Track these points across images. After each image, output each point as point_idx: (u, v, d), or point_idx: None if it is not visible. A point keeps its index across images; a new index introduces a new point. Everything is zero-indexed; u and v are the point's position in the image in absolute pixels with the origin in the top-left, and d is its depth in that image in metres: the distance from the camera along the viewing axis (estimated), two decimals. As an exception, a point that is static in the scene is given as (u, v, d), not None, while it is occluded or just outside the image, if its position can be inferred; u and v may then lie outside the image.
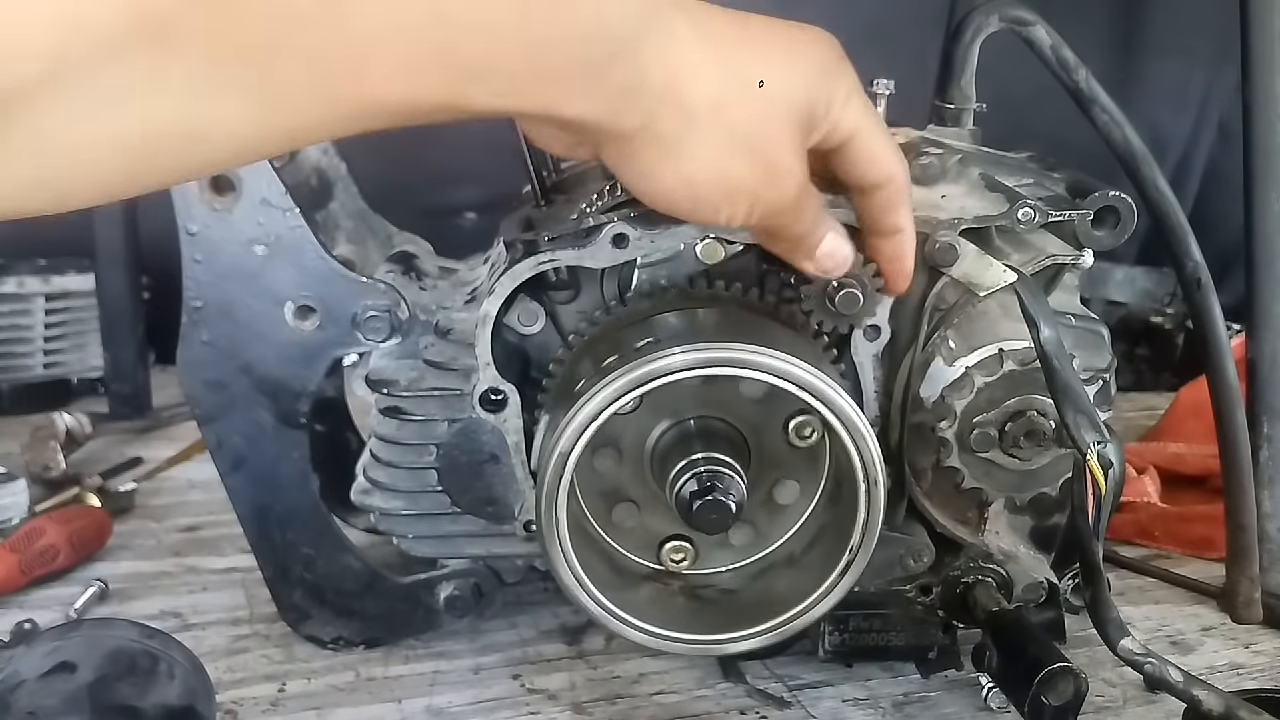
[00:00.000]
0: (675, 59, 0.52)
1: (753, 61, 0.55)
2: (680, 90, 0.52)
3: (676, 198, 0.56)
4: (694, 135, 0.54)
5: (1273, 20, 0.86)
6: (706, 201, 0.57)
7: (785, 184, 0.58)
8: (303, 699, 0.78)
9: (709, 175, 0.55)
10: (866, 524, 0.67)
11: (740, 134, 0.55)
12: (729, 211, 0.57)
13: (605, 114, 0.51)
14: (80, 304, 1.36)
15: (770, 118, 0.56)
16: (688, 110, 0.53)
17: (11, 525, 0.99)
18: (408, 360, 0.76)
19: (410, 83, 0.44)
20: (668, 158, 0.54)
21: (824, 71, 0.58)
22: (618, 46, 0.50)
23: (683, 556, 0.73)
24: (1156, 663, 0.66)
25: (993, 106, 0.84)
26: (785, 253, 0.65)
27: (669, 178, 0.55)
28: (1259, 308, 0.88)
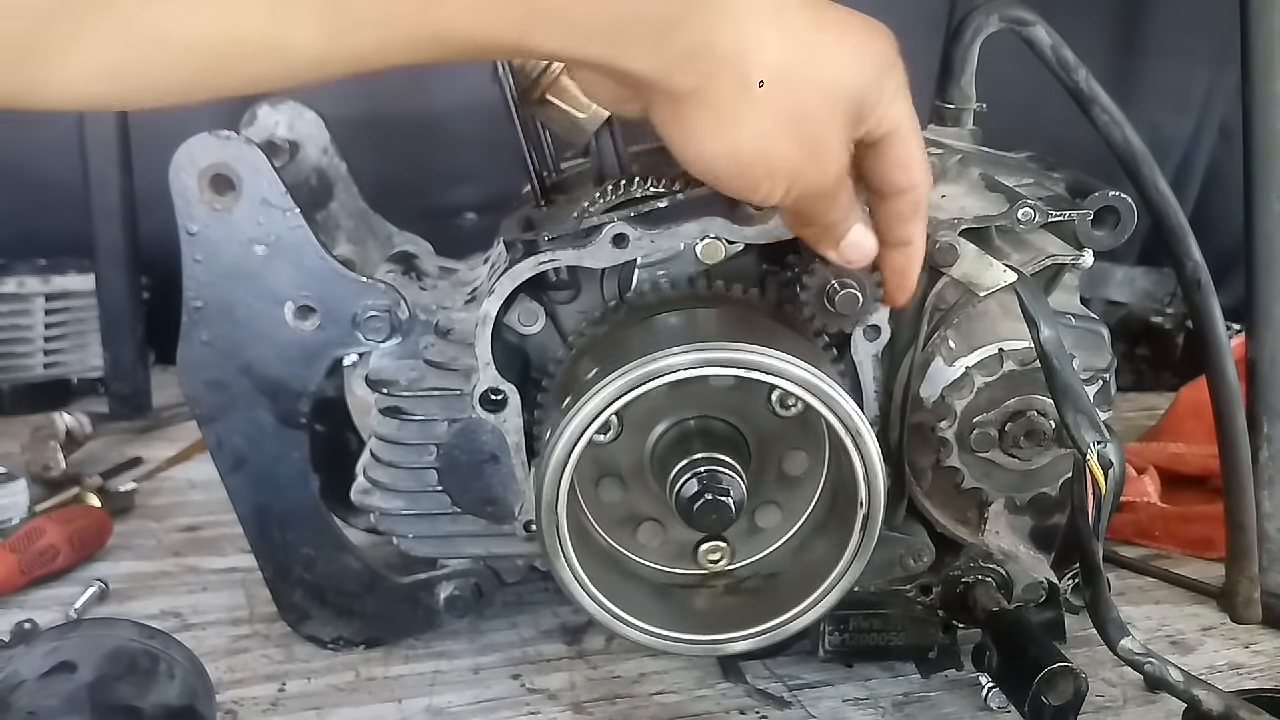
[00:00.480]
0: (746, 30, 0.53)
1: (824, 48, 0.56)
2: (744, 60, 0.53)
3: (719, 165, 0.57)
4: (748, 106, 0.54)
5: (1273, 20, 0.86)
6: (749, 174, 0.57)
7: (828, 168, 0.59)
8: (303, 699, 0.78)
9: (756, 148, 0.56)
10: (866, 524, 0.67)
11: (794, 113, 0.55)
12: (769, 187, 0.58)
13: (663, 72, 0.52)
14: (80, 304, 1.35)
15: (825, 103, 0.56)
16: (748, 83, 0.53)
17: (11, 525, 0.99)
18: (408, 360, 0.76)
19: (477, 18, 0.46)
20: (718, 124, 0.55)
21: (883, 66, 0.58)
22: (689, 8, 0.51)
23: (720, 555, 0.73)
24: (1156, 662, 0.66)
25: (993, 106, 0.85)
26: (813, 238, 0.65)
27: (716, 144, 0.56)
28: (1259, 308, 0.88)
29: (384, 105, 1.39)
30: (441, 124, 1.43)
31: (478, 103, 0.84)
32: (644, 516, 0.74)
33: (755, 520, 0.74)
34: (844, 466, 0.68)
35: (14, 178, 1.35)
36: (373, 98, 1.38)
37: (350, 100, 1.29)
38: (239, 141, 0.71)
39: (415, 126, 1.44)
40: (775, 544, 0.75)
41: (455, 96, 1.35)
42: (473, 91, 0.80)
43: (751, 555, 0.75)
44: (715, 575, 0.75)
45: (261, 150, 0.72)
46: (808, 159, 0.57)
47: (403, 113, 1.42)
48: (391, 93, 1.42)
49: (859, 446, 0.66)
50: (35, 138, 1.27)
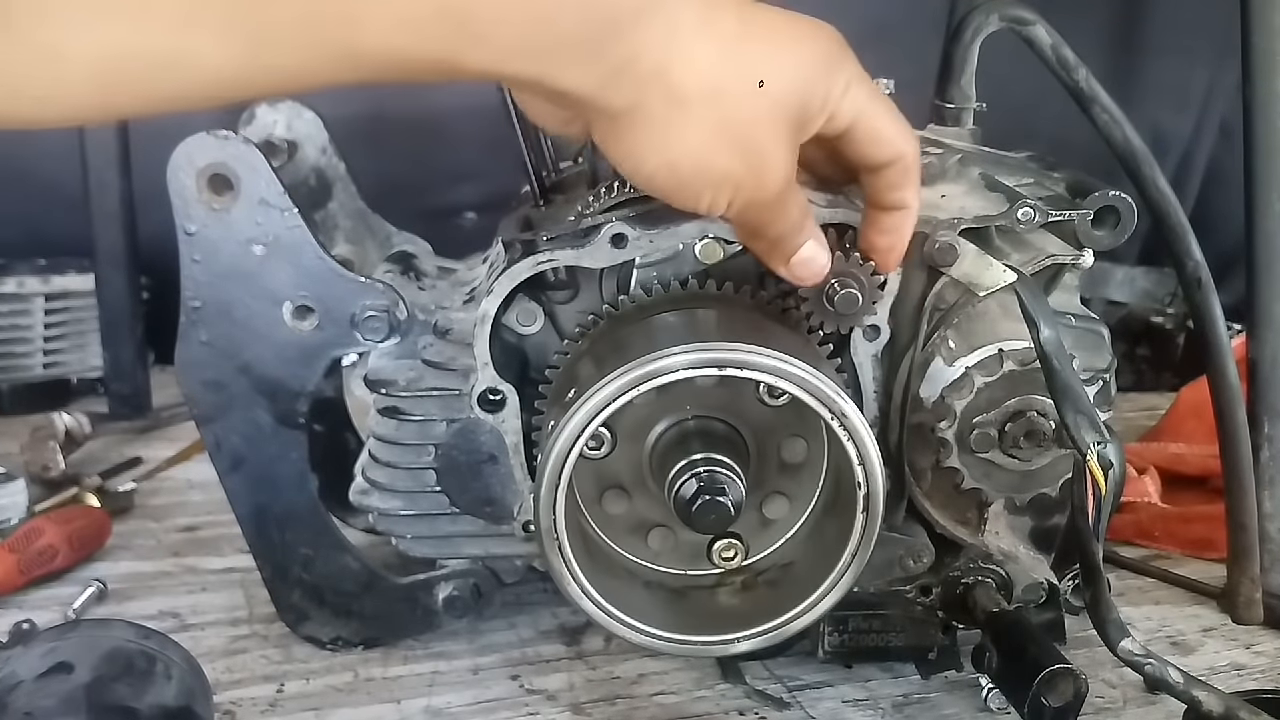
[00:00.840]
0: (673, 46, 0.53)
1: (752, 56, 0.55)
2: (673, 76, 0.53)
3: (659, 180, 0.57)
4: (682, 121, 0.54)
5: (1273, 18, 0.85)
6: (688, 187, 0.57)
7: (769, 179, 0.58)
8: (301, 699, 0.78)
9: (693, 162, 0.56)
10: (866, 524, 0.67)
11: (730, 125, 0.55)
12: (710, 199, 0.58)
13: (596, 89, 0.52)
14: (80, 304, 1.35)
15: (762, 112, 0.56)
16: (678, 97, 0.53)
17: (10, 525, 0.99)
18: (406, 360, 0.76)
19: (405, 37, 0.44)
20: (653, 140, 0.55)
21: (823, 66, 0.58)
22: (616, 25, 0.51)
23: (734, 552, 0.72)
24: (1156, 663, 0.66)
25: (993, 106, 0.84)
26: (762, 253, 0.65)
27: (653, 160, 0.56)
28: (1259, 308, 0.87)
29: (383, 105, 1.39)
30: (441, 124, 1.43)
31: (477, 103, 0.84)
32: (652, 523, 0.74)
33: (764, 513, 0.74)
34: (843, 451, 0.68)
35: (14, 178, 1.35)
36: (372, 97, 1.38)
37: (350, 100, 1.28)
38: (237, 141, 0.71)
39: (415, 126, 1.44)
40: (787, 534, 0.75)
41: (455, 96, 1.35)
42: (473, 91, 0.80)
43: (765, 548, 0.75)
44: (732, 572, 0.74)
45: (259, 150, 0.72)
46: (747, 171, 0.57)
47: (402, 112, 1.42)
48: (391, 92, 1.41)
49: (858, 447, 0.65)
50: (35, 138, 1.26)
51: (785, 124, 0.57)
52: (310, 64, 0.43)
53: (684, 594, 0.75)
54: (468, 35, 0.46)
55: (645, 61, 0.52)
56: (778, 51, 0.56)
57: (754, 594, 0.74)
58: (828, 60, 0.58)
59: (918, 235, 0.71)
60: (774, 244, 0.64)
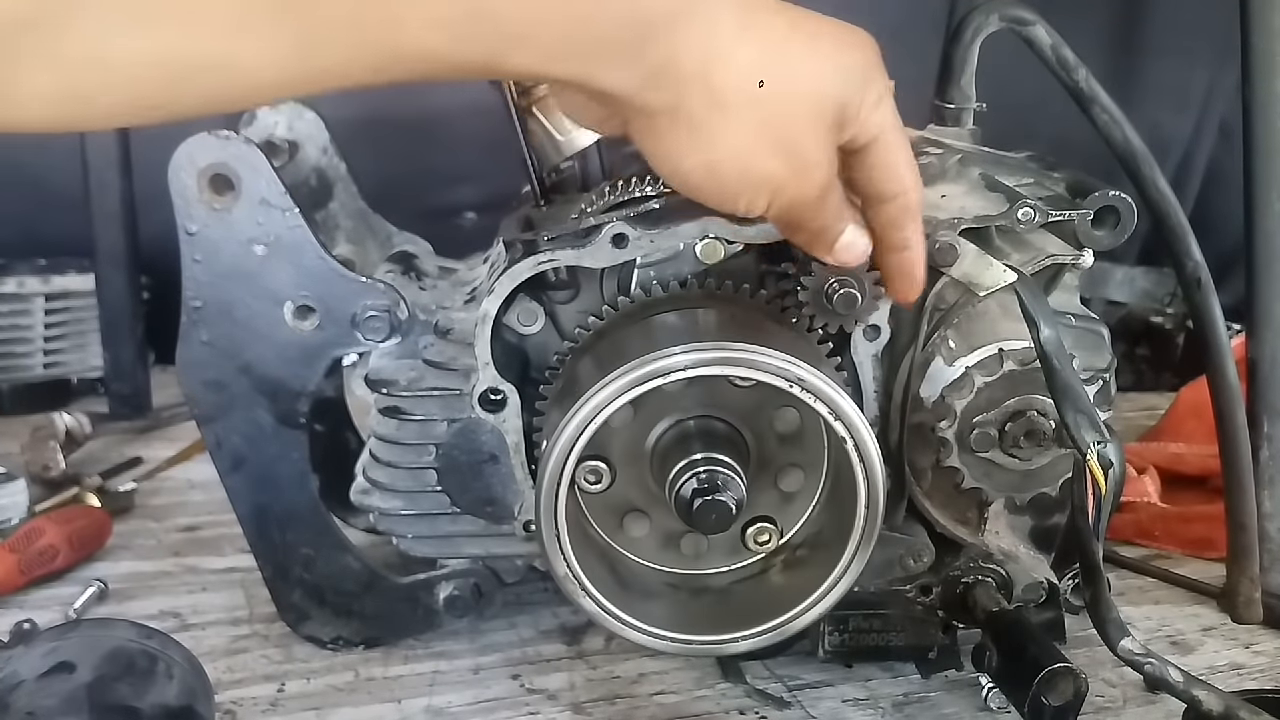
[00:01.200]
0: (712, 46, 0.53)
1: (795, 57, 0.55)
2: (713, 77, 0.53)
3: (697, 180, 0.57)
4: (722, 122, 0.54)
5: (1273, 19, 0.86)
6: (727, 188, 0.57)
7: (812, 178, 0.58)
8: (302, 699, 0.78)
9: (733, 163, 0.56)
10: (866, 524, 0.67)
11: (772, 126, 0.55)
12: (749, 200, 0.58)
13: (636, 89, 0.52)
14: (80, 304, 1.36)
15: (804, 113, 0.56)
16: (719, 98, 0.53)
17: (11, 525, 0.99)
18: (407, 360, 0.76)
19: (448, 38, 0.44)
20: (693, 141, 0.55)
21: (861, 73, 0.58)
22: (653, 26, 0.51)
23: (768, 536, 0.72)
24: (1156, 663, 0.66)
25: (993, 106, 0.84)
26: (804, 243, 0.65)
27: (692, 160, 0.56)
28: (1259, 308, 0.87)
29: (384, 105, 1.39)
30: (441, 124, 1.43)
31: (478, 103, 0.84)
32: (680, 533, 0.74)
33: (781, 488, 0.74)
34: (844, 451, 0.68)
35: (14, 178, 1.35)
36: (373, 98, 1.37)
37: (350, 100, 1.28)
38: (238, 141, 0.71)
39: (415, 126, 1.44)
40: (812, 501, 0.75)
41: (455, 96, 1.34)
42: (473, 91, 0.80)
43: (796, 521, 0.75)
44: (773, 554, 0.74)
45: (261, 150, 0.72)
46: (789, 172, 0.57)
47: (403, 113, 1.42)
48: (391, 93, 1.41)
49: (858, 447, 0.66)
50: (35, 138, 1.27)
51: (825, 123, 0.57)
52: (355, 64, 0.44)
53: (728, 590, 0.75)
54: (508, 36, 0.46)
55: (686, 62, 0.52)
56: (821, 54, 0.56)
57: (801, 568, 0.74)
58: (866, 69, 0.59)
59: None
60: (816, 235, 0.63)
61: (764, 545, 0.72)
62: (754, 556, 0.74)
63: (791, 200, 0.59)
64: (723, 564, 0.75)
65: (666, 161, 0.56)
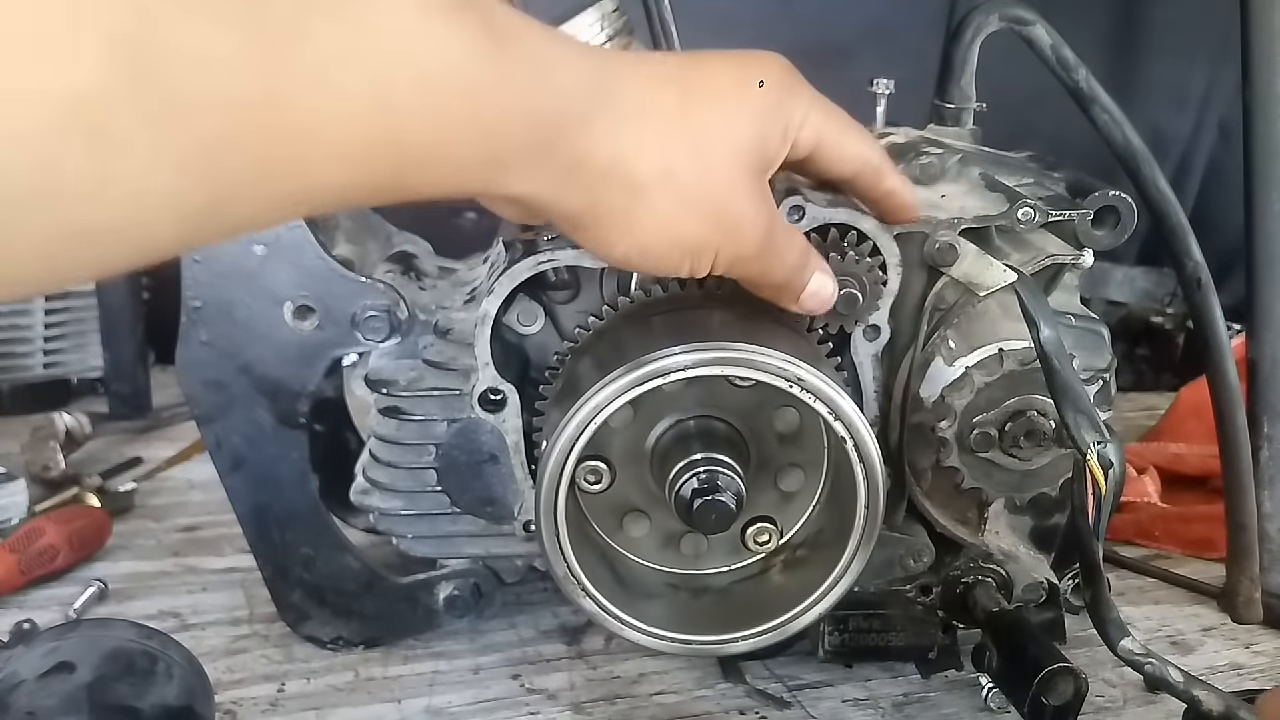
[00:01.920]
0: (619, 136, 0.52)
1: (696, 125, 0.55)
2: (624, 167, 0.53)
3: (633, 262, 0.57)
4: (641, 207, 0.54)
5: (1273, 19, 0.85)
6: (665, 262, 0.57)
7: (747, 235, 0.58)
8: (302, 699, 0.78)
9: (661, 240, 0.56)
10: (866, 524, 0.67)
11: (692, 197, 0.55)
12: (693, 265, 0.58)
13: (551, 192, 0.52)
14: (80, 304, 1.35)
15: (721, 175, 0.56)
16: (633, 185, 0.53)
17: (11, 525, 0.99)
18: (407, 360, 0.76)
19: (352, 170, 0.43)
20: (618, 230, 0.55)
21: (774, 106, 0.58)
22: (563, 130, 0.50)
23: (768, 536, 0.72)
24: (1156, 663, 0.66)
25: (993, 106, 0.84)
26: (770, 297, 0.65)
27: (621, 247, 0.56)
28: (1259, 308, 0.88)
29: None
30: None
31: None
32: (680, 533, 0.74)
33: (781, 488, 0.74)
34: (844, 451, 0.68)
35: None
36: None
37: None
38: (238, 141, 0.71)
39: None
40: (812, 502, 0.75)
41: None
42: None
43: (796, 521, 0.75)
44: (774, 554, 0.74)
45: (260, 150, 0.72)
46: (721, 233, 0.57)
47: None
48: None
49: (858, 447, 0.66)
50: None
51: (747, 177, 0.57)
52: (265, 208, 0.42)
53: (728, 590, 0.75)
54: (411, 162, 0.45)
55: (597, 159, 0.52)
56: (723, 110, 0.56)
57: (801, 568, 0.74)
58: (779, 99, 0.58)
59: (918, 235, 0.71)
60: (779, 289, 0.64)
61: (764, 545, 0.72)
62: (754, 556, 0.74)
63: (733, 258, 0.59)
64: (723, 564, 0.76)
65: (597, 249, 0.56)
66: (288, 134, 0.40)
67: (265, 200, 0.42)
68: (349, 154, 0.42)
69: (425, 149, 0.45)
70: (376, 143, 0.43)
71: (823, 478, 0.74)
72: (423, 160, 0.45)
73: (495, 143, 0.48)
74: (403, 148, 0.44)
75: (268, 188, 0.41)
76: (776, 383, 0.64)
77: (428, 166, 0.46)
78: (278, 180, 0.41)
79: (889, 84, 0.83)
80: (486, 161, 0.48)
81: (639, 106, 0.53)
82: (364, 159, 0.43)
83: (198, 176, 0.38)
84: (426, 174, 0.46)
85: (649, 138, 0.53)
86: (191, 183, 0.38)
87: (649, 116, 0.53)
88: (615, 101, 0.52)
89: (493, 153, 0.48)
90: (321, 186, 0.43)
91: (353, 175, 0.43)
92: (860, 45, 1.40)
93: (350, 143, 0.42)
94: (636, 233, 0.55)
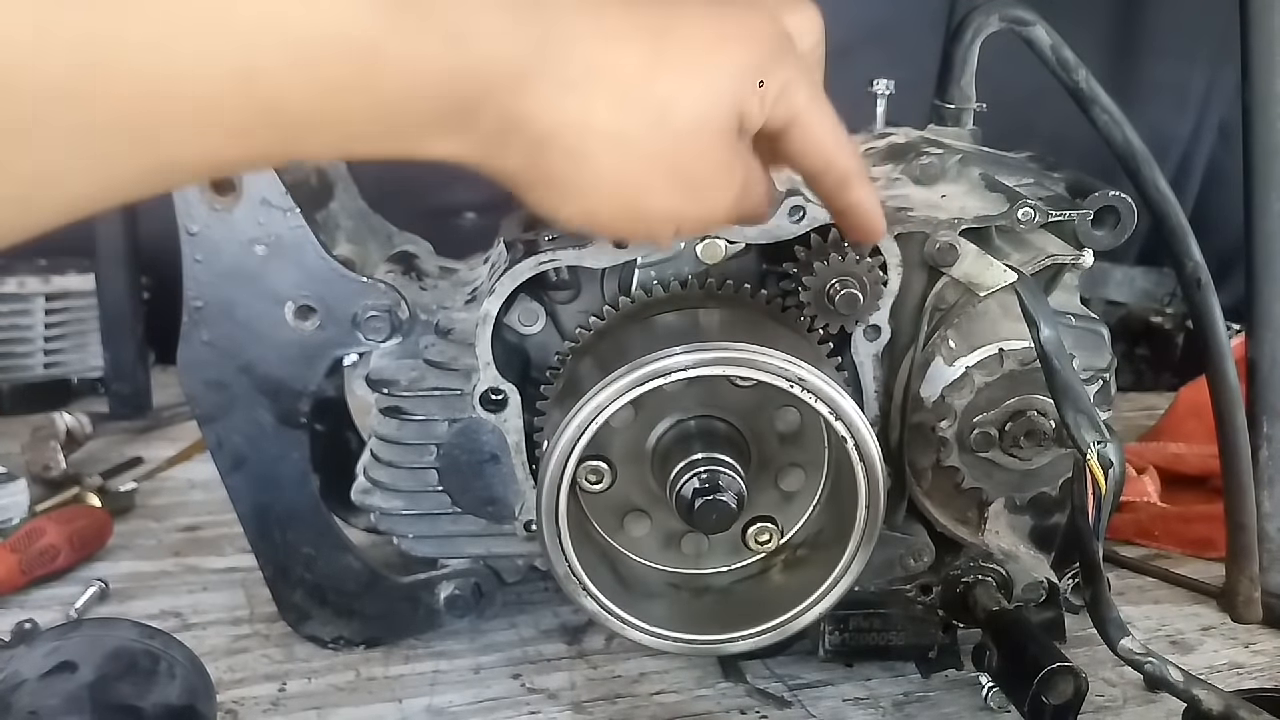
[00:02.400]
0: (563, 100, 0.47)
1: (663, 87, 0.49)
2: (567, 133, 0.47)
3: (580, 225, 0.53)
4: (586, 173, 0.49)
5: (1272, 20, 0.86)
6: (618, 228, 0.53)
7: (713, 200, 0.54)
8: (303, 698, 0.78)
9: (610, 208, 0.51)
10: (866, 524, 0.67)
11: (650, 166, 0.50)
12: (648, 234, 0.54)
13: (479, 155, 0.47)
14: (80, 304, 1.35)
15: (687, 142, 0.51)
16: (581, 149, 0.48)
17: (12, 525, 0.99)
18: (408, 360, 0.76)
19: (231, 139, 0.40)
20: (561, 193, 0.50)
21: (754, 67, 0.52)
22: (488, 92, 0.45)
23: (768, 535, 0.72)
24: (1156, 662, 0.66)
25: (993, 106, 0.85)
26: None
27: (566, 210, 0.51)
28: (1259, 308, 0.88)
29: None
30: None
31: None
32: (681, 532, 0.74)
33: (782, 488, 0.74)
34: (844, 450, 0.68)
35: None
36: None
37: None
38: (239, 141, 0.71)
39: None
40: (813, 502, 0.75)
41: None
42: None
43: (796, 521, 0.75)
44: (774, 554, 0.74)
45: (262, 150, 0.72)
46: (687, 201, 0.52)
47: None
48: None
49: (859, 447, 0.66)
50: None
51: (719, 142, 0.52)
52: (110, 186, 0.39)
53: (729, 590, 0.75)
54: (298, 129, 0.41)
55: (534, 126, 0.47)
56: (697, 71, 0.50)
57: (802, 568, 0.74)
58: (758, 61, 0.52)
59: (918, 235, 0.71)
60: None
61: (764, 545, 0.72)
62: (754, 556, 0.75)
63: (698, 224, 0.55)
64: (723, 563, 0.76)
65: (543, 209, 0.51)
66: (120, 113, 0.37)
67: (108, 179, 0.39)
68: (222, 123, 0.39)
69: (312, 117, 0.41)
70: (253, 111, 0.40)
71: (823, 477, 0.74)
72: (312, 128, 0.42)
73: (399, 110, 0.43)
74: (285, 115, 0.41)
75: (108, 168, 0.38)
76: (777, 382, 0.64)
77: (319, 134, 0.42)
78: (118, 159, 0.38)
79: (889, 84, 0.83)
80: (391, 129, 0.44)
81: (592, 68, 0.47)
82: (241, 128, 0.40)
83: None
84: (320, 141, 0.43)
85: (601, 103, 0.48)
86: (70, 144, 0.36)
87: (603, 79, 0.48)
88: (562, 62, 0.46)
89: (397, 119, 0.44)
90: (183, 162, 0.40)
91: (232, 144, 0.40)
92: (860, 45, 1.40)
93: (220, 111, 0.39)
94: (581, 199, 0.50)
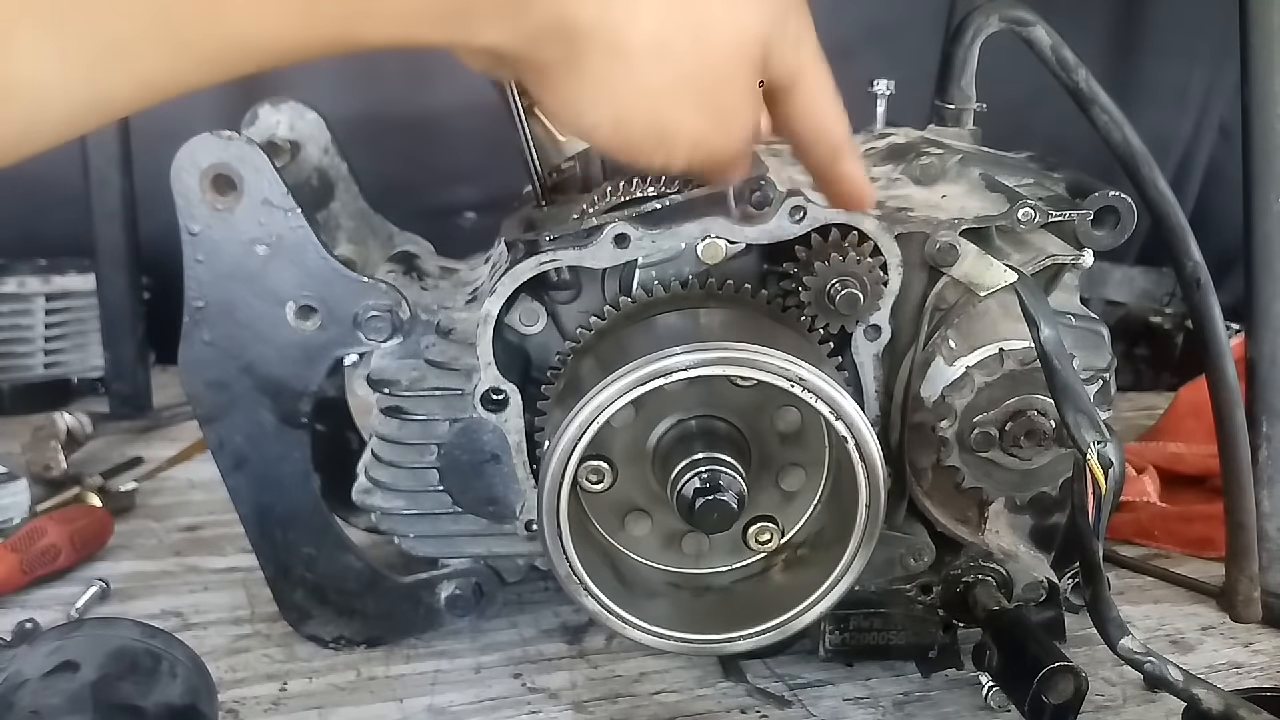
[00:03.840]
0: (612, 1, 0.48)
1: (710, 5, 0.50)
2: (614, 30, 0.48)
3: (602, 135, 0.53)
4: (627, 74, 0.49)
5: (1272, 19, 0.86)
6: (638, 144, 0.53)
7: (735, 129, 0.54)
8: (304, 698, 0.78)
9: (642, 119, 0.51)
10: (867, 523, 0.67)
11: (685, 79, 0.51)
12: (665, 155, 0.54)
13: (522, 46, 0.48)
14: (81, 304, 1.35)
15: (724, 58, 0.51)
16: (622, 51, 0.49)
17: (13, 525, 0.99)
18: (409, 360, 0.76)
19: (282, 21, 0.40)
20: (594, 94, 0.50)
21: (782, 7, 0.53)
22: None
23: (769, 535, 0.72)
24: (1156, 661, 0.67)
25: (993, 106, 0.85)
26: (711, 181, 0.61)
27: (595, 115, 0.51)
28: (1259, 308, 0.88)
29: (384, 104, 1.39)
30: (441, 123, 1.43)
31: (478, 102, 0.84)
32: (681, 532, 0.75)
33: (783, 487, 0.74)
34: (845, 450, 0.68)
35: (14, 178, 1.34)
36: (373, 98, 1.38)
37: (351, 100, 1.29)
38: (240, 142, 0.71)
39: (415, 126, 1.44)
40: (813, 501, 0.75)
41: (455, 96, 1.35)
42: (473, 91, 0.80)
43: (797, 520, 0.75)
44: (775, 553, 0.74)
45: (263, 150, 0.72)
46: (710, 124, 0.53)
47: (403, 112, 1.42)
48: (392, 92, 1.42)
49: (859, 446, 0.66)
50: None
51: (747, 67, 0.52)
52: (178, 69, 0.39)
53: (729, 589, 0.76)
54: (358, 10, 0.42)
55: (580, 18, 0.47)
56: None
57: (802, 567, 0.74)
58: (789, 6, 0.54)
59: (918, 235, 0.71)
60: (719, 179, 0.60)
61: (765, 544, 0.72)
62: (755, 556, 0.75)
63: (711, 154, 0.54)
64: (724, 563, 0.76)
65: (564, 112, 0.51)
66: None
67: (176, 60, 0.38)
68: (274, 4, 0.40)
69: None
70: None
71: (824, 477, 0.74)
72: (371, 10, 0.43)
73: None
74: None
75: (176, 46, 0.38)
76: (778, 382, 0.64)
77: (377, 17, 0.43)
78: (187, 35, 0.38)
79: (889, 84, 0.83)
80: (444, 13, 0.45)
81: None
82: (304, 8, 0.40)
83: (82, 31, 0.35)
84: (378, 25, 0.43)
85: (647, 9, 0.48)
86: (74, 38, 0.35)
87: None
88: None
89: (451, 4, 0.45)
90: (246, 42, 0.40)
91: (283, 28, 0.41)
92: (860, 45, 1.40)
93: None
94: (616, 101, 0.50)
